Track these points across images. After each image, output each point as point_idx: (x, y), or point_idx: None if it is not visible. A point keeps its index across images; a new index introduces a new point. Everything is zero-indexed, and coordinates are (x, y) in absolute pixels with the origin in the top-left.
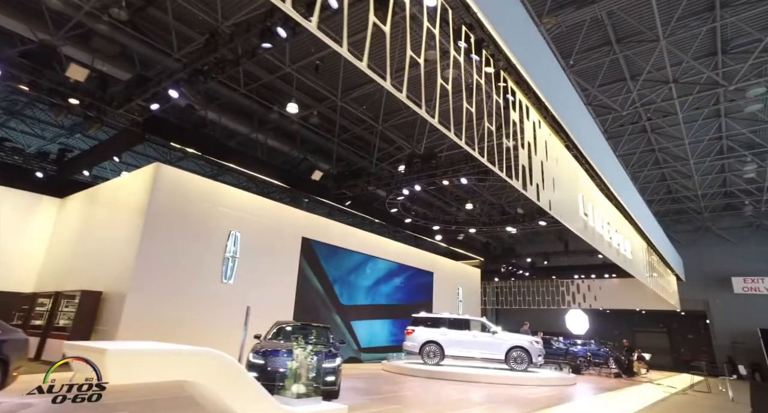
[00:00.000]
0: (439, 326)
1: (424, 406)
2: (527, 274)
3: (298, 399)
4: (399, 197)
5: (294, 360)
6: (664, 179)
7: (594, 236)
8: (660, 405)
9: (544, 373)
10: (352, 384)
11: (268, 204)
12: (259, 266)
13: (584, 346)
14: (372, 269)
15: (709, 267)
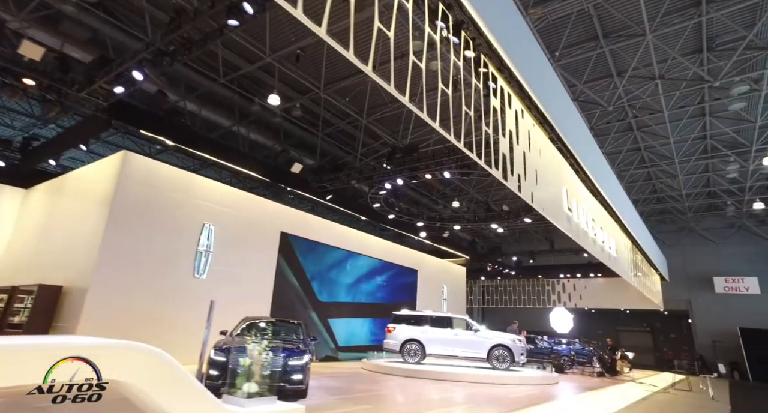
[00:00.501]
0: (421, 324)
1: (398, 406)
2: (513, 273)
3: (249, 398)
4: (381, 191)
5: (247, 356)
6: (649, 179)
7: (578, 232)
8: (641, 404)
9: (527, 372)
10: (326, 383)
11: (246, 197)
12: (234, 260)
13: (569, 345)
14: (353, 266)
15: (692, 267)
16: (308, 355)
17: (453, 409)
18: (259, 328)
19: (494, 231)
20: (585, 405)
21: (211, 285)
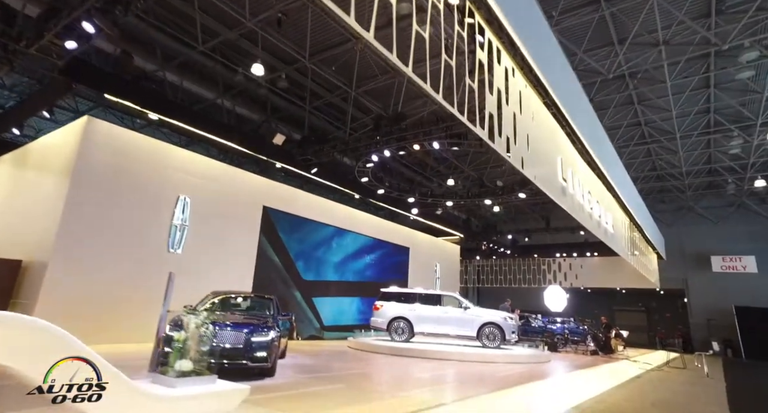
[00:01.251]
0: (409, 301)
1: (374, 385)
2: (509, 252)
3: (179, 378)
4: (368, 163)
5: (183, 330)
6: (649, 155)
7: (573, 204)
8: (635, 382)
9: (518, 350)
10: (304, 362)
11: (225, 169)
12: (213, 235)
13: (563, 324)
14: (341, 243)
15: (690, 246)
16: (275, 332)
17: (434, 388)
18: (226, 303)
19: (489, 210)
20: (575, 384)
21: (187, 261)
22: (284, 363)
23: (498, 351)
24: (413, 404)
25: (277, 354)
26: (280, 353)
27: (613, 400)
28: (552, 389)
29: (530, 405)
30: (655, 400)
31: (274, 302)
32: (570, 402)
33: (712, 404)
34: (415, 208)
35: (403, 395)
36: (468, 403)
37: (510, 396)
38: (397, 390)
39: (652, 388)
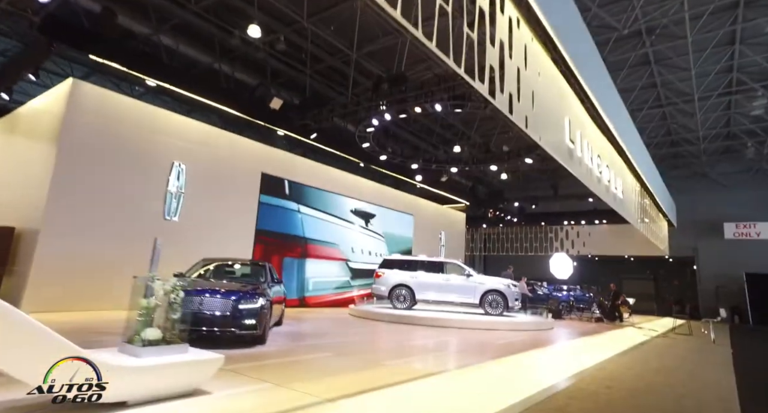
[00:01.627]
0: (411, 269)
1: (364, 354)
2: (516, 220)
3: (145, 347)
4: (369, 128)
5: (153, 296)
6: (664, 119)
7: (581, 168)
8: (638, 349)
9: (521, 318)
10: (300, 329)
11: (221, 135)
12: (211, 202)
13: (569, 291)
14: (343, 209)
15: (702, 213)
16: (264, 298)
17: (428, 356)
18: (217, 270)
19: (497, 177)
20: (577, 351)
21: (184, 228)
22: (280, 331)
23: (500, 319)
24: (402, 373)
25: (268, 321)
26: (277, 320)
27: (615, 367)
28: (552, 356)
29: (529, 373)
30: (659, 367)
31: (267, 268)
32: (570, 370)
33: (717, 370)
34: (419, 175)
35: (394, 363)
36: (462, 372)
37: (509, 364)
38: (389, 359)
39: (656, 355)
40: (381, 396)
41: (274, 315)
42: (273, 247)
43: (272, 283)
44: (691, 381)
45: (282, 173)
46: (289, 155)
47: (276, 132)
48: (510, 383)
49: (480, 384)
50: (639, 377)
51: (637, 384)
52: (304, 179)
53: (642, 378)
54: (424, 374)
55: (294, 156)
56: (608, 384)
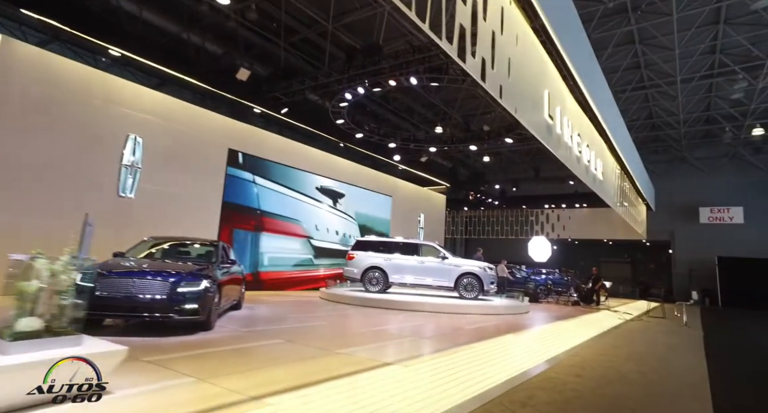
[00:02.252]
0: (385, 251)
1: (319, 340)
2: (497, 203)
3: (15, 342)
4: (342, 103)
5: (36, 278)
6: (646, 101)
7: (560, 145)
8: (612, 333)
9: (496, 302)
10: (258, 313)
11: (186, 108)
12: (172, 179)
13: (548, 275)
14: (316, 189)
15: (679, 198)
16: (209, 280)
17: (387, 343)
18: (163, 249)
19: (478, 159)
20: (550, 336)
21: (142, 207)
22: (235, 315)
23: (474, 303)
24: (354, 363)
25: (215, 305)
26: (234, 303)
27: (587, 353)
28: (524, 342)
29: (496, 360)
30: (631, 352)
31: (220, 248)
32: (541, 356)
33: (688, 355)
34: (397, 155)
35: (348, 352)
36: (421, 362)
37: (475, 351)
38: (345, 346)
39: (629, 340)
40: (319, 392)
41: (230, 297)
42: (225, 218)
43: (225, 263)
44: (663, 366)
45: (252, 150)
46: (260, 130)
47: (252, 109)
48: (472, 373)
49: (438, 376)
50: (610, 364)
51: (608, 372)
52: (273, 156)
53: (613, 365)
54: (377, 364)
55: (265, 132)
56: (578, 372)
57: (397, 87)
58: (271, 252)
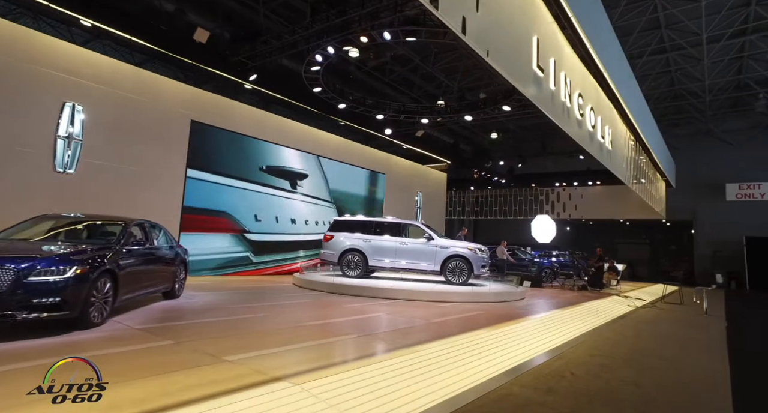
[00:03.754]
0: (365, 231)
1: (225, 339)
2: (504, 181)
3: None
4: (313, 66)
5: None
6: (666, 66)
7: (554, 105)
8: (616, 324)
9: (487, 287)
10: (193, 303)
11: (135, 73)
12: (123, 153)
13: (557, 257)
14: (295, 166)
15: (703, 174)
16: (82, 266)
17: (308, 345)
18: (54, 229)
19: (486, 136)
20: (538, 330)
21: (85, 184)
22: (159, 306)
23: (458, 289)
24: (224, 379)
25: (97, 297)
26: (166, 290)
27: (576, 354)
28: (496, 339)
29: (439, 372)
30: (633, 351)
31: (130, 227)
32: (509, 361)
33: (706, 355)
34: (389, 129)
35: (237, 359)
36: (323, 376)
37: (418, 356)
38: (245, 350)
39: (634, 333)
40: None
41: (150, 285)
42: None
43: (140, 245)
44: (669, 375)
45: (219, 122)
46: (229, 101)
47: (219, 76)
48: (394, 393)
49: (339, 399)
50: (599, 370)
51: (592, 385)
52: (246, 130)
53: (602, 373)
54: (262, 380)
55: (234, 103)
56: (552, 386)
57: (389, 55)
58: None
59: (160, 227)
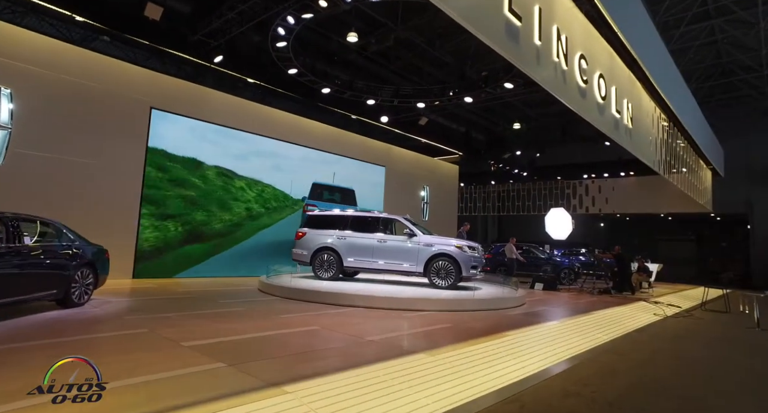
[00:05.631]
0: (341, 227)
1: (64, 370)
2: (525, 174)
3: None
4: (278, 41)
5: None
6: (711, 35)
7: (541, 63)
8: (630, 340)
9: (476, 292)
10: (98, 311)
11: (79, 55)
12: (67, 145)
13: (576, 255)
14: (279, 160)
15: (760, 160)
16: None
17: (141, 380)
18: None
19: (508, 126)
20: (518, 351)
21: (15, 177)
22: (36, 318)
23: (443, 294)
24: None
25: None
26: (56, 296)
27: (542, 393)
28: (439, 370)
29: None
30: (631, 387)
31: (6, 224)
32: (429, 409)
33: (750, 392)
34: (384, 116)
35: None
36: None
37: (279, 401)
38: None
39: (647, 355)
40: None
41: (27, 291)
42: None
43: None
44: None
45: (185, 109)
46: (194, 86)
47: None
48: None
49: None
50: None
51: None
52: (219, 118)
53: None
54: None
55: (203, 88)
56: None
57: (395, 42)
58: None
59: (48, 223)
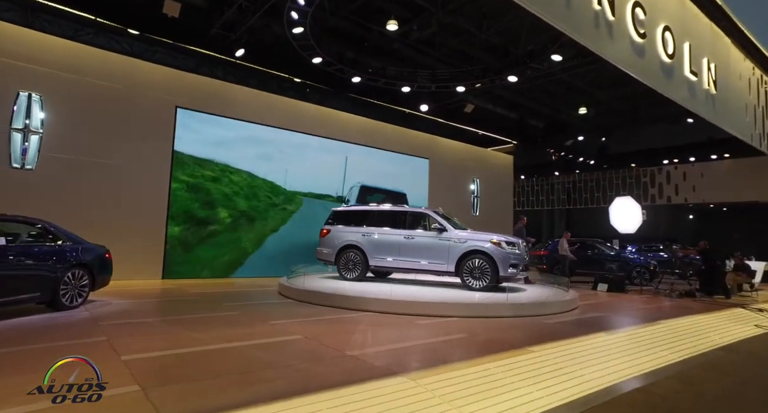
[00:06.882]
0: (368, 223)
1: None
2: (592, 163)
3: None
4: (295, 27)
5: None
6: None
7: (572, 12)
8: (713, 362)
9: (517, 294)
10: (80, 316)
11: (103, 57)
12: (96, 147)
13: (654, 252)
14: (316, 155)
15: None
16: None
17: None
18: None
19: (574, 113)
20: (499, 389)
21: (48, 181)
22: (19, 321)
23: (473, 298)
24: None
25: None
26: (52, 300)
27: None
28: (441, 400)
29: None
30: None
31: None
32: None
33: None
34: (424, 104)
35: None
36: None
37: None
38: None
39: (734, 390)
40: None
41: (8, 293)
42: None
43: None
44: None
45: (210, 106)
46: (220, 83)
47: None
48: None
49: None
50: None
51: None
52: (247, 115)
53: None
54: None
55: (224, 83)
56: None
57: (438, 28)
58: None
59: (33, 223)
